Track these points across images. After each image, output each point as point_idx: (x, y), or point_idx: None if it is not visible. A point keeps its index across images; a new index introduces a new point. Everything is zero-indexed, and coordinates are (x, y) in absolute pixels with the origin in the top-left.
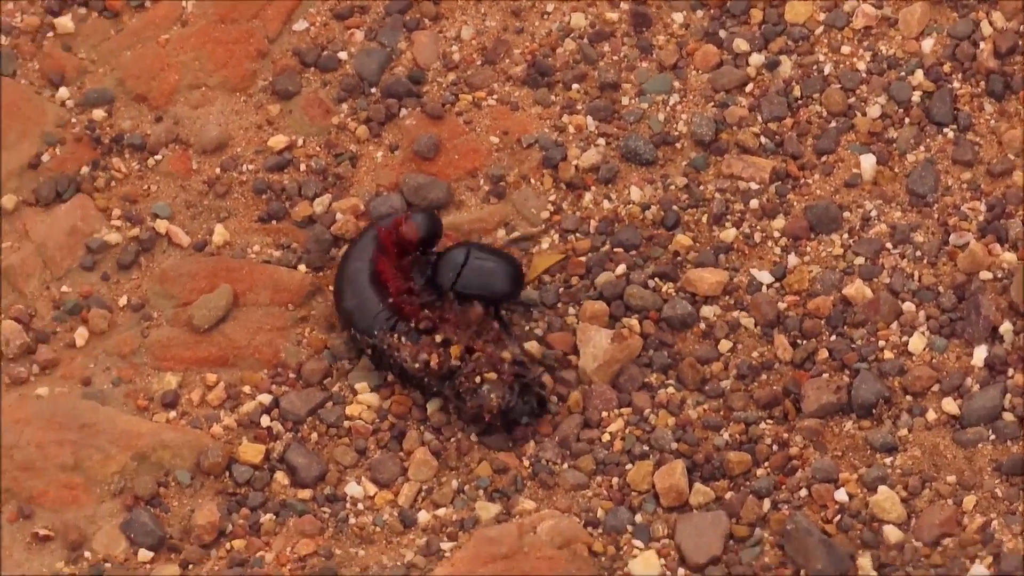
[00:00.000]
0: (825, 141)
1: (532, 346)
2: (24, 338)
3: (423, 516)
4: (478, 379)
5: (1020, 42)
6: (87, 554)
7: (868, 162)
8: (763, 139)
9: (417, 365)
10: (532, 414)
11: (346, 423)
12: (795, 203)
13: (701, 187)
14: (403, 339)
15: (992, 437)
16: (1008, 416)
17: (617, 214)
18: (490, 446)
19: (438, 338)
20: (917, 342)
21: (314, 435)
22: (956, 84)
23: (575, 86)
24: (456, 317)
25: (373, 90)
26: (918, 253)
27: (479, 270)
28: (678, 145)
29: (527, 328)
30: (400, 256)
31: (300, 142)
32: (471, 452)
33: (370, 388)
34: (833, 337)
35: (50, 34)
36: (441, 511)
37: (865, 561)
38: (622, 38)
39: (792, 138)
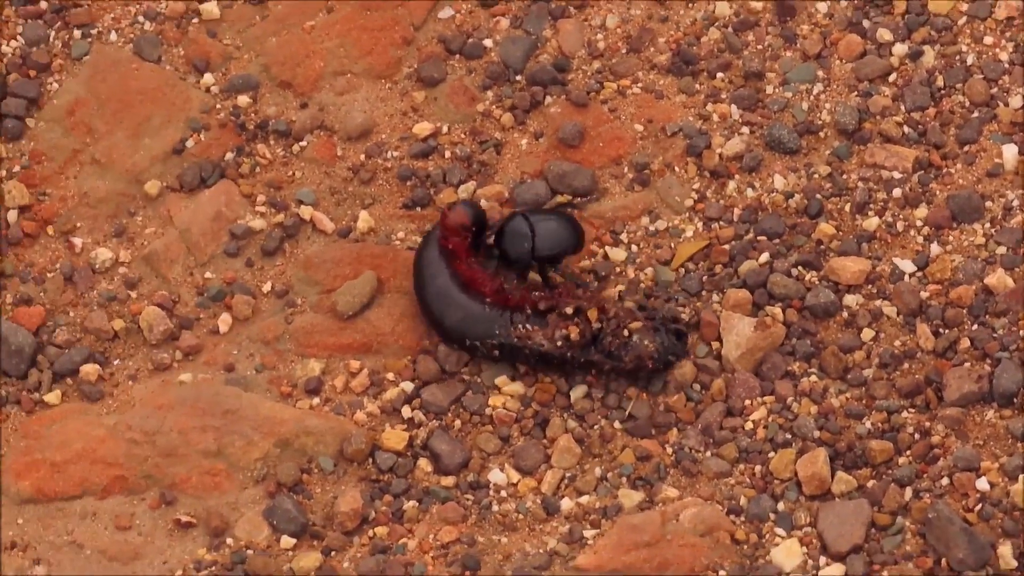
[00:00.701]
0: (967, 131)
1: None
2: (168, 324)
3: (566, 503)
4: (625, 333)
5: None
6: (229, 540)
7: (1010, 152)
8: (906, 128)
9: (559, 343)
10: (680, 350)
11: (488, 411)
12: (937, 192)
13: (844, 176)
14: (530, 326)
15: None
16: None
17: (761, 202)
18: (634, 433)
19: (568, 310)
20: None
21: (457, 422)
22: None
23: (719, 75)
24: (566, 287)
25: (518, 77)
26: None
27: (549, 231)
28: (822, 134)
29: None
30: (466, 250)
31: (445, 129)
32: (614, 439)
33: (509, 380)
34: (975, 326)
35: (195, 20)
36: (584, 498)
37: (1006, 550)
38: (766, 27)
39: (935, 128)
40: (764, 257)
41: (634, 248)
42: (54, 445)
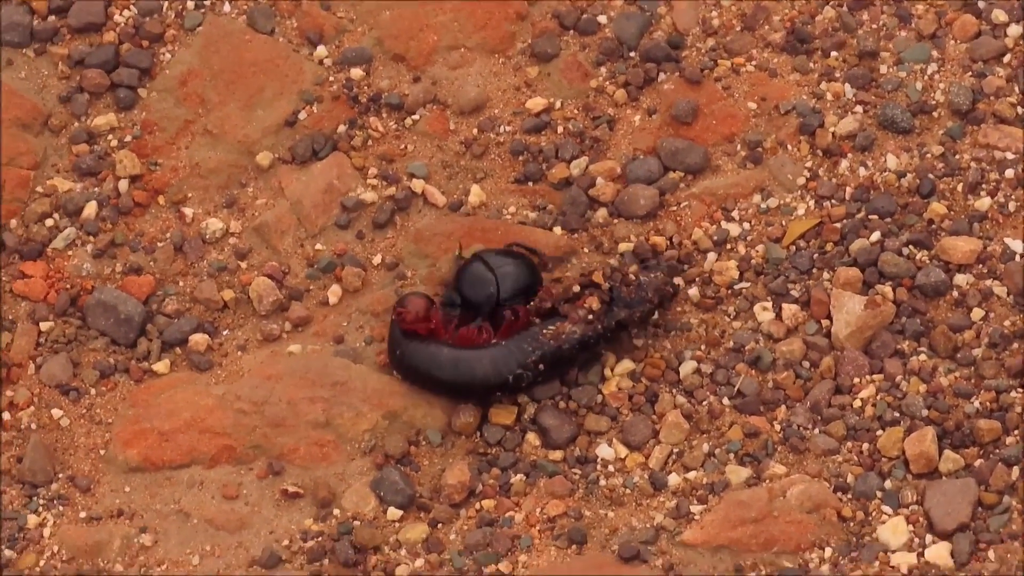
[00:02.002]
0: None
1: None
2: (277, 295)
3: (673, 479)
4: (632, 278)
5: None
6: (336, 512)
7: None
8: (1020, 109)
9: (588, 318)
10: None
11: (599, 399)
12: None
13: (957, 156)
14: (552, 326)
15: None
16: None
17: (873, 181)
18: (742, 410)
19: (575, 289)
20: None
21: (563, 403)
22: None
23: (834, 53)
24: (545, 288)
25: (632, 54)
26: None
27: (510, 274)
28: (935, 114)
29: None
30: (436, 326)
31: (558, 104)
32: (723, 415)
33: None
34: None
35: None
36: (691, 474)
37: None
38: (881, 7)
39: None
40: (875, 236)
41: (746, 225)
42: (162, 414)
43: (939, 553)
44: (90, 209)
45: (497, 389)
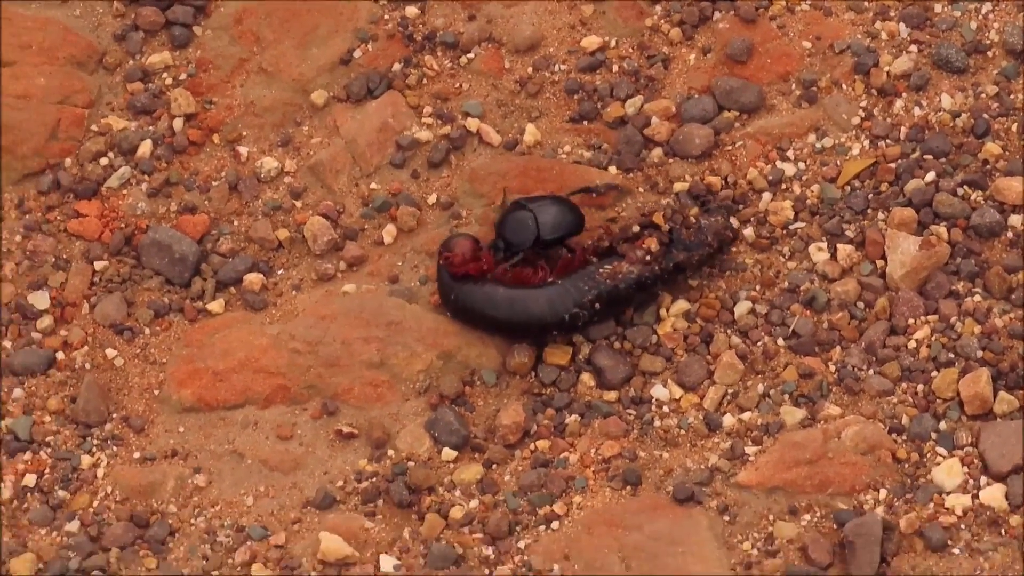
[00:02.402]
0: None
1: None
2: (332, 234)
3: (728, 420)
4: (692, 220)
5: None
6: (390, 452)
7: None
8: None
9: (647, 259)
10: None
11: (655, 339)
12: None
13: (1012, 96)
14: (609, 265)
15: None
16: None
17: (928, 121)
18: (797, 351)
19: (635, 229)
20: None
21: (618, 343)
22: None
23: None
24: (603, 228)
25: None
26: None
27: (550, 215)
28: (989, 54)
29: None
30: (488, 265)
31: (613, 43)
32: (777, 356)
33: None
34: None
35: None
36: (746, 415)
37: None
38: None
39: None
40: (930, 176)
41: (800, 165)
42: (217, 354)
43: (993, 495)
44: (145, 148)
45: (553, 328)
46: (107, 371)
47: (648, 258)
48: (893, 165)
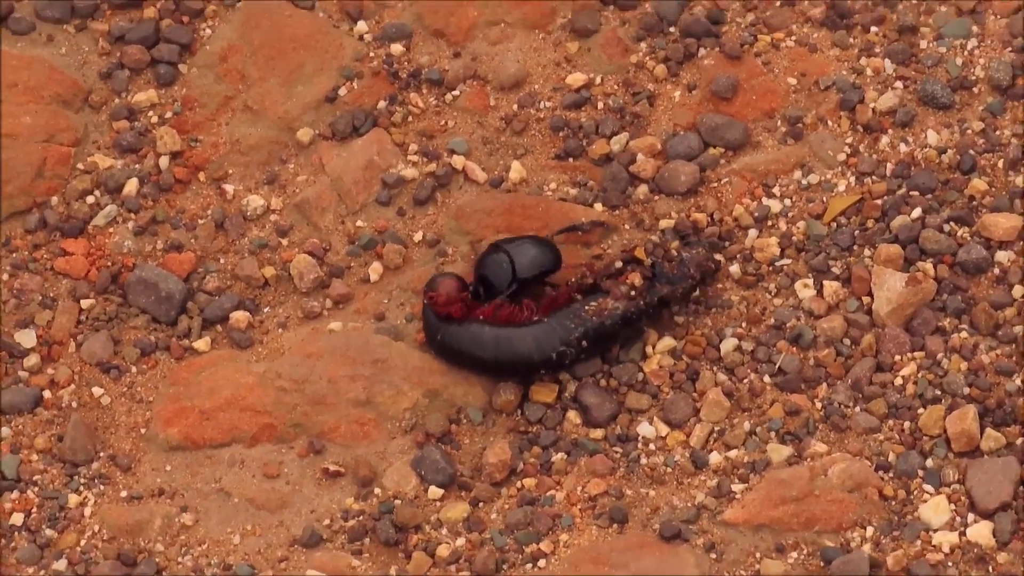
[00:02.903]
0: None
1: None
2: (318, 272)
3: (714, 457)
4: (674, 253)
5: None
6: (377, 490)
7: None
8: None
9: (631, 294)
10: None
11: (640, 376)
12: None
13: (998, 132)
14: (594, 302)
15: None
16: None
17: (914, 157)
18: (783, 388)
19: (618, 265)
20: None
21: (604, 381)
22: None
23: (873, 28)
24: (585, 266)
25: (672, 29)
26: None
27: (526, 255)
28: (975, 89)
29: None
30: (474, 304)
31: (598, 80)
32: (764, 393)
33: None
34: None
35: None
36: (733, 452)
37: None
38: None
39: None
40: (916, 212)
41: (786, 202)
42: (203, 392)
43: (981, 532)
44: (131, 186)
45: (540, 367)
46: (94, 410)
47: (632, 293)
48: (879, 201)
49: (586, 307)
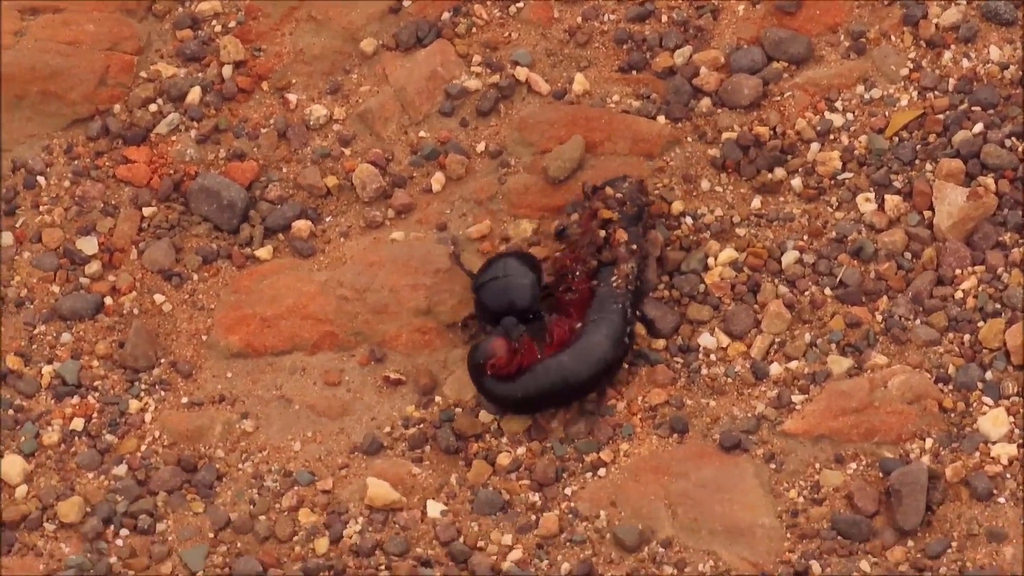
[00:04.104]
0: None
1: None
2: (381, 182)
3: (775, 368)
4: (615, 193)
5: None
6: (438, 399)
7: None
8: None
9: (633, 248)
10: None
11: (702, 287)
12: None
13: None
14: (614, 279)
15: None
16: None
17: (976, 73)
18: (844, 300)
19: (602, 234)
20: None
21: (666, 292)
22: None
23: None
24: (562, 257)
25: None
26: None
27: (535, 268)
28: None
29: None
30: (524, 347)
31: None
32: (825, 306)
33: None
34: None
35: None
36: (793, 364)
37: None
38: None
39: None
40: (978, 127)
41: (849, 116)
42: (264, 300)
43: None
44: (194, 94)
45: (623, 360)
46: (155, 316)
47: (633, 247)
48: (941, 116)
49: (614, 283)
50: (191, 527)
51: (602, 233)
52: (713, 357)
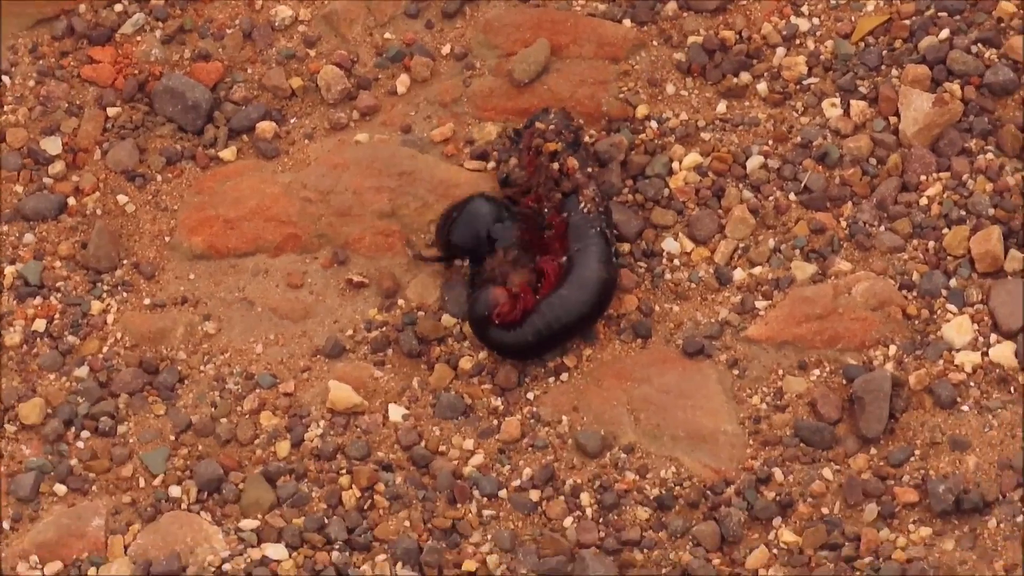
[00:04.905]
0: None
1: None
2: (345, 84)
3: (739, 274)
4: (548, 127)
5: None
6: (400, 302)
7: None
8: None
9: (588, 170)
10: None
11: (666, 192)
12: None
13: None
14: (584, 205)
15: None
16: None
17: None
18: (809, 206)
19: (555, 167)
20: None
21: (630, 196)
22: None
23: None
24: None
25: None
26: None
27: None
28: None
29: None
30: (524, 291)
31: None
32: (789, 211)
33: (685, 153)
34: None
35: None
36: (757, 269)
37: None
38: None
39: None
40: (944, 33)
41: (815, 20)
42: (228, 201)
43: (1003, 352)
44: None
45: (617, 279)
46: (118, 217)
47: (588, 169)
48: (907, 22)
49: (585, 210)
50: (152, 429)
51: (555, 165)
52: (677, 262)
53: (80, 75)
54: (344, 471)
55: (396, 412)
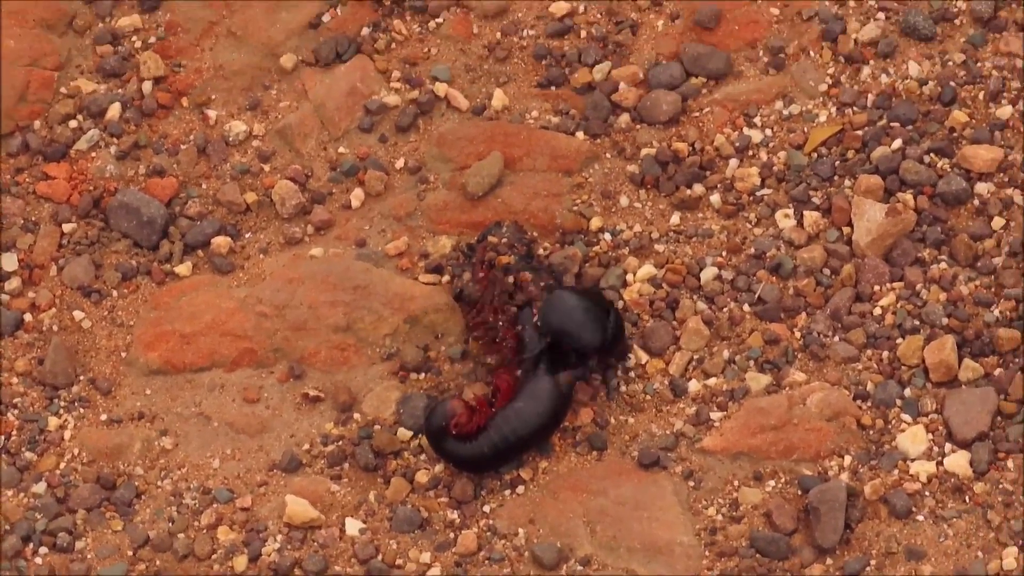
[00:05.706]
0: None
1: None
2: (300, 198)
3: (693, 385)
4: (497, 240)
5: None
6: (356, 416)
7: None
8: None
9: (541, 284)
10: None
11: (620, 304)
12: None
13: (979, 64)
14: (535, 305)
15: None
16: None
17: (895, 89)
18: (763, 317)
19: (510, 280)
20: None
21: None
22: None
23: None
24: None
25: None
26: None
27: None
28: (957, 21)
29: None
30: (481, 406)
31: (581, 9)
32: (743, 322)
33: (639, 265)
34: None
35: None
36: (712, 381)
37: None
38: None
39: None
40: (897, 143)
41: (767, 132)
42: (184, 317)
43: (958, 462)
44: (114, 110)
45: (572, 393)
46: (75, 333)
47: (540, 283)
48: (860, 132)
49: (535, 323)
50: (110, 545)
51: (509, 279)
52: (632, 374)
53: (35, 191)
54: None
55: (353, 526)
